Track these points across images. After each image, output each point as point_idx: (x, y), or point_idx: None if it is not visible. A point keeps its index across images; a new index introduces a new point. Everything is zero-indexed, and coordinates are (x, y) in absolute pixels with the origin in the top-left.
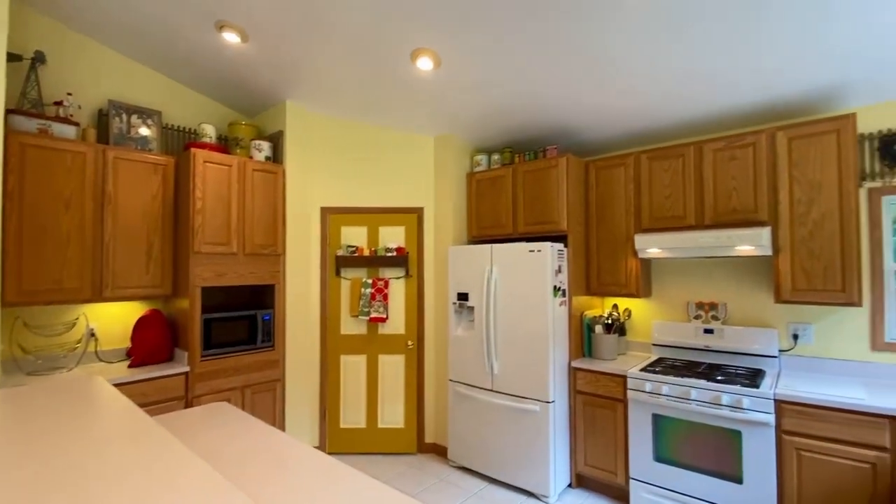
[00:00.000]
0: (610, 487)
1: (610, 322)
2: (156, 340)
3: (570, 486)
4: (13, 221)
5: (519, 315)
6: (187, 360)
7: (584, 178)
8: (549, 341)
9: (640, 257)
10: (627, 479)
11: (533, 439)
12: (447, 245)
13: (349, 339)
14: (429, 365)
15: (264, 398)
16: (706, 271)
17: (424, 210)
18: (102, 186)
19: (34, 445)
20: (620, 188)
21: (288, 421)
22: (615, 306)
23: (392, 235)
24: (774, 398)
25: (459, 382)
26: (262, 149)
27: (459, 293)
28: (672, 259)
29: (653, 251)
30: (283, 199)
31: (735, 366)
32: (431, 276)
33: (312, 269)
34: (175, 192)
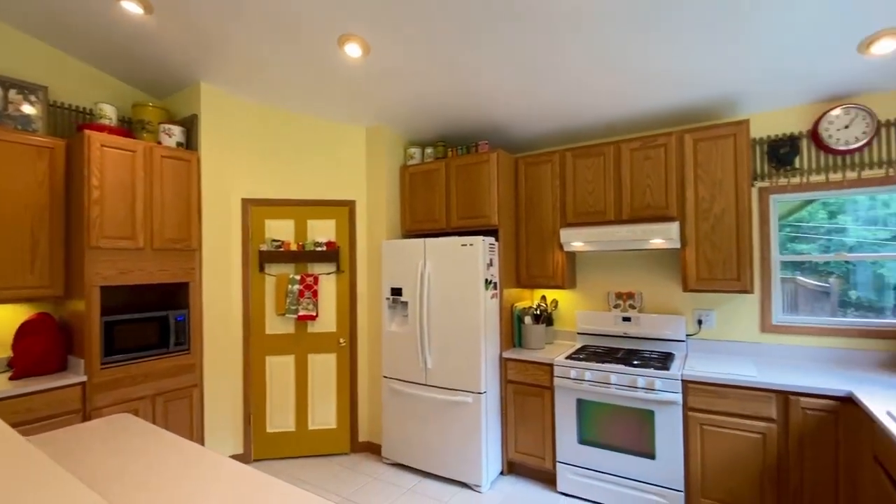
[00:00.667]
0: (539, 472)
1: (538, 313)
2: (43, 347)
3: (501, 473)
4: None
5: (452, 309)
6: (84, 369)
7: (514, 174)
8: (481, 333)
9: (565, 250)
10: (555, 462)
11: (466, 431)
12: (380, 239)
13: (275, 338)
14: (362, 362)
15: (179, 406)
16: (625, 263)
17: (356, 203)
18: None
19: None
20: (547, 184)
21: (207, 429)
22: (543, 297)
23: (322, 229)
24: (682, 378)
25: (393, 378)
26: (173, 134)
27: (393, 288)
28: (594, 252)
29: (576, 244)
30: (199, 190)
31: (650, 350)
32: (364, 271)
33: (233, 265)
34: (66, 180)
